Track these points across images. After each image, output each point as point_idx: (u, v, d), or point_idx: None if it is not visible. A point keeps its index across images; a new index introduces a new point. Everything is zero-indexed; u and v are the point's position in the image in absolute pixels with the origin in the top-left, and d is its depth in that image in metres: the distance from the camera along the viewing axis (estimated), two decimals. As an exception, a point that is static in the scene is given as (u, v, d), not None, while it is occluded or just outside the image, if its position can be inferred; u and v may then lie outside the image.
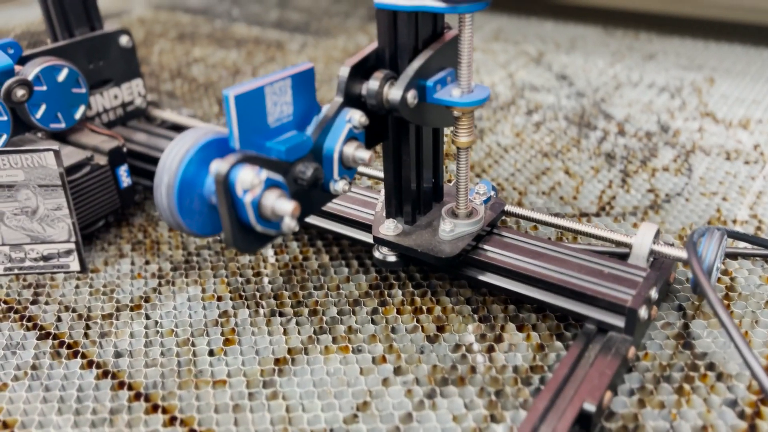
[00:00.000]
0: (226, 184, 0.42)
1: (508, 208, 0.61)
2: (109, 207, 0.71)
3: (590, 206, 0.74)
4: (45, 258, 0.66)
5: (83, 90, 0.72)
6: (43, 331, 0.59)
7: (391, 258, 0.58)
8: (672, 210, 0.73)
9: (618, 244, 0.57)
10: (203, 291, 0.63)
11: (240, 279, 0.65)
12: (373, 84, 0.50)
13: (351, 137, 0.49)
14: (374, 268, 0.65)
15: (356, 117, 0.49)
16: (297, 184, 0.47)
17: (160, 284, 0.64)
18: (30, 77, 0.66)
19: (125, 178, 0.72)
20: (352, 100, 0.50)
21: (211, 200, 0.45)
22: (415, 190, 0.57)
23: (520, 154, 0.86)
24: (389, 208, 0.58)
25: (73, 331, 0.59)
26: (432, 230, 0.57)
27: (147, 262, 0.68)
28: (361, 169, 0.68)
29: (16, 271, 0.66)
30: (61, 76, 0.69)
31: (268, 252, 0.68)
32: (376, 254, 0.59)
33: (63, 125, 0.71)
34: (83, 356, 0.56)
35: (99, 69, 0.78)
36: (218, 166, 0.42)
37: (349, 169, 0.50)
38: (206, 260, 0.68)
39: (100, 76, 0.79)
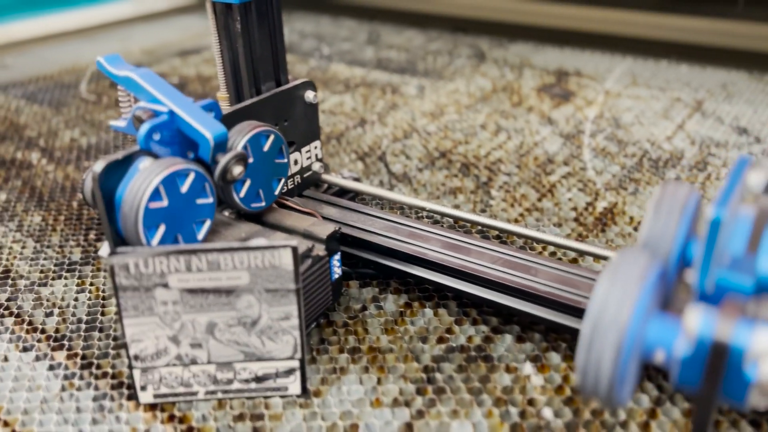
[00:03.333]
0: (724, 354, 0.28)
1: None
2: (323, 306, 0.57)
3: None
4: (258, 379, 0.51)
5: (285, 159, 0.58)
6: (289, 492, 0.44)
7: None
8: None
9: None
10: (474, 429, 0.49)
11: (513, 410, 0.50)
12: (813, 183, 0.36)
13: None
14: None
15: (794, 229, 0.35)
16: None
17: (411, 416, 0.50)
18: (239, 148, 0.53)
19: (337, 269, 0.58)
20: (772, 202, 0.37)
21: (653, 360, 0.31)
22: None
23: (762, 231, 0.73)
24: None
25: (330, 492, 0.44)
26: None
27: (379, 381, 0.53)
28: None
29: (219, 395, 0.51)
30: (267, 145, 0.56)
31: (525, 366, 0.54)
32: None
33: (263, 203, 0.57)
34: None
35: (284, 130, 0.64)
36: (716, 326, 0.28)
37: None
38: (452, 378, 0.54)
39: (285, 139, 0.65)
